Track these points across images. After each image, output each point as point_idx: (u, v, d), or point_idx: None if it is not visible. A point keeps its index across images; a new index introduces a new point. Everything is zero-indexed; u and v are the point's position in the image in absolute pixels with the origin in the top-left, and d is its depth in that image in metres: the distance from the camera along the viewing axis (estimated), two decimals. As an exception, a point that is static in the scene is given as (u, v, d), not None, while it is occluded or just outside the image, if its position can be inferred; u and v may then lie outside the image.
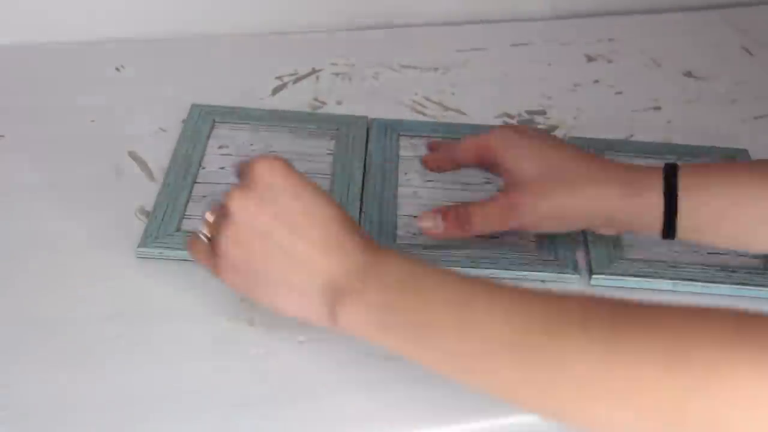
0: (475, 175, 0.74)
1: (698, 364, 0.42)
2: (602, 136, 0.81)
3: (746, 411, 0.40)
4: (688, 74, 0.93)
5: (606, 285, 0.66)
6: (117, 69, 0.88)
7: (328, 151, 0.77)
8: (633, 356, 0.43)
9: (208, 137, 0.78)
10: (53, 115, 0.80)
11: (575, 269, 0.66)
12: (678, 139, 0.82)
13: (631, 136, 0.82)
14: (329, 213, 0.54)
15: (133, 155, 0.76)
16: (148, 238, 0.66)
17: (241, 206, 0.54)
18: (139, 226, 0.68)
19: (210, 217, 0.57)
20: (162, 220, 0.68)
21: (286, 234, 0.53)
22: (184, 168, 0.73)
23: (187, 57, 0.91)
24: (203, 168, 0.74)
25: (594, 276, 0.66)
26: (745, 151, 0.79)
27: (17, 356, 0.58)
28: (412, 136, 0.79)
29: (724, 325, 0.43)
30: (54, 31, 0.91)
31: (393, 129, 0.80)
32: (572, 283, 0.66)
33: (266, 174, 0.54)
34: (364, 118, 0.81)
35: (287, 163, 0.55)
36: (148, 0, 0.92)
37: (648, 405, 0.42)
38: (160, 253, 0.65)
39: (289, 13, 0.97)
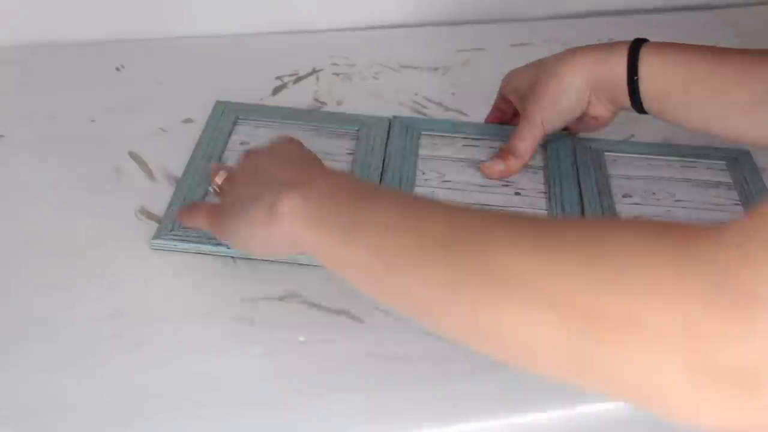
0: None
1: (615, 258, 0.41)
2: (602, 136, 0.81)
3: (660, 308, 0.39)
4: (688, 74, 0.93)
5: None
6: (117, 69, 0.88)
7: (348, 151, 0.77)
8: (555, 249, 0.43)
9: (230, 133, 0.78)
10: (53, 114, 0.80)
11: None
12: (678, 139, 0.82)
13: (632, 136, 0.82)
14: (316, 162, 0.60)
15: (133, 155, 0.76)
16: (163, 230, 0.66)
17: (247, 159, 0.60)
18: (139, 225, 0.68)
19: (220, 179, 0.62)
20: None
21: (270, 163, 0.58)
22: (204, 162, 0.74)
23: (187, 57, 0.91)
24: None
25: None
26: (748, 152, 0.79)
27: (18, 356, 0.58)
28: (433, 135, 0.79)
29: (643, 227, 0.43)
30: (54, 32, 0.91)
31: (414, 128, 0.80)
32: None
33: (278, 140, 0.61)
34: (386, 117, 0.81)
35: (299, 141, 0.62)
36: (147, 1, 0.92)
37: (564, 299, 0.41)
38: (175, 245, 0.65)
39: (290, 13, 0.97)
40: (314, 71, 0.90)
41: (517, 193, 0.73)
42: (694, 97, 0.69)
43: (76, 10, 0.91)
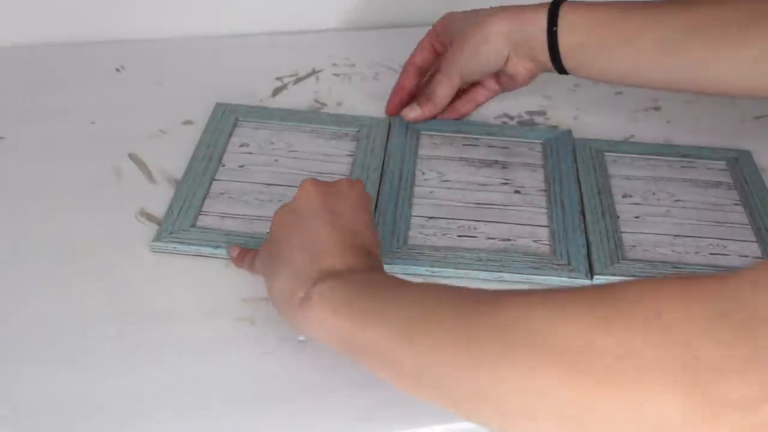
0: (492, 176, 0.74)
1: (619, 297, 0.41)
2: (602, 136, 0.81)
3: (660, 337, 0.38)
4: (688, 75, 0.93)
5: None
6: (117, 70, 0.88)
7: (348, 152, 0.77)
8: (564, 299, 0.43)
9: (230, 135, 0.78)
10: (53, 115, 0.80)
11: (587, 274, 0.66)
12: (678, 140, 0.82)
13: (632, 136, 0.82)
14: (365, 227, 0.58)
15: (132, 156, 0.76)
16: (163, 233, 0.66)
17: (303, 191, 0.59)
18: (138, 227, 0.68)
19: None
20: (178, 215, 0.68)
21: (320, 217, 0.57)
22: (204, 165, 0.74)
23: (187, 58, 0.91)
24: (223, 165, 0.74)
25: (596, 277, 0.66)
26: (748, 152, 0.79)
27: (18, 356, 0.58)
28: (433, 135, 0.79)
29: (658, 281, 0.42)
30: (54, 32, 0.91)
31: (413, 127, 0.80)
32: None
33: (341, 183, 0.60)
34: (386, 119, 0.81)
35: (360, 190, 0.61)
36: (147, 1, 0.93)
37: (565, 342, 0.41)
38: (174, 248, 0.65)
39: (289, 13, 0.97)
40: (314, 72, 0.90)
41: (516, 191, 0.73)
42: (607, 47, 0.72)
43: (76, 10, 0.91)
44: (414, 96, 0.82)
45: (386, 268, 0.62)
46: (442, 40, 0.80)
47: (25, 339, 0.59)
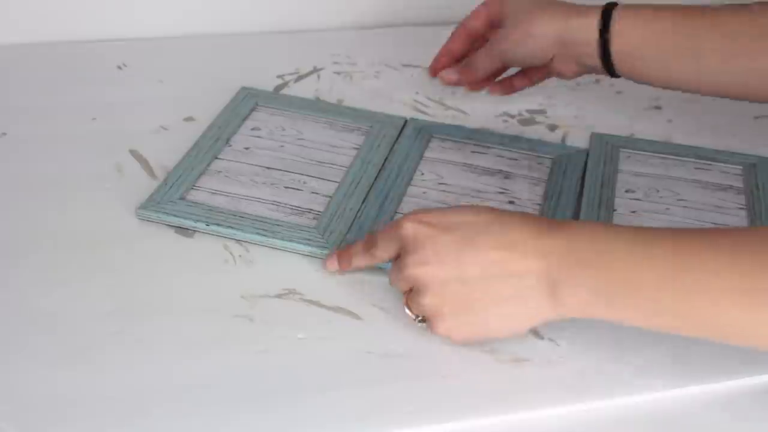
0: (491, 185, 0.74)
1: None
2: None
3: None
4: (689, 74, 0.93)
5: None
6: (119, 67, 0.88)
7: (355, 146, 0.77)
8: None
9: (245, 118, 0.79)
10: (55, 112, 0.81)
11: None
12: (678, 139, 0.82)
13: (632, 135, 0.82)
14: (496, 227, 0.57)
15: (134, 153, 0.76)
16: (151, 202, 0.68)
17: (421, 276, 0.57)
18: (139, 223, 0.68)
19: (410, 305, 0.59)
20: (170, 187, 0.70)
21: (475, 266, 0.56)
22: (210, 143, 0.75)
23: (188, 56, 0.91)
24: (229, 146, 0.76)
25: None
26: (766, 159, 0.78)
27: (18, 352, 0.58)
28: (444, 139, 0.79)
29: None
30: (57, 30, 0.91)
31: (426, 131, 0.80)
32: None
33: (418, 237, 0.58)
34: (402, 117, 0.81)
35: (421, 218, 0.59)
36: (149, -1, 0.93)
37: None
38: (158, 217, 0.67)
39: (291, 11, 0.97)
40: (315, 70, 0.90)
41: (510, 202, 0.72)
42: (666, 53, 0.71)
43: (78, 9, 0.91)
44: (459, 60, 0.83)
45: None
46: (497, 13, 0.79)
47: (26, 335, 0.59)
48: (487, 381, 0.58)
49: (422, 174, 0.75)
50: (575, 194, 0.73)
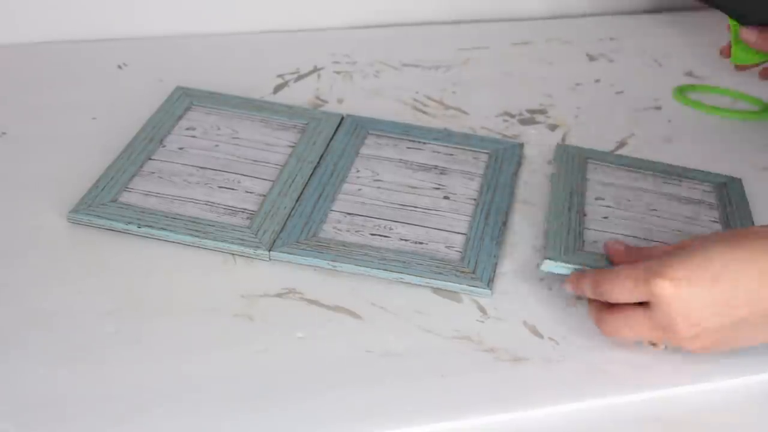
0: (426, 180, 0.74)
1: None
2: (603, 135, 0.81)
3: None
4: (689, 74, 0.94)
5: None
6: (119, 66, 0.88)
7: (290, 144, 0.77)
8: None
9: (180, 118, 0.79)
10: (55, 112, 0.81)
11: (488, 284, 0.64)
12: (678, 139, 0.82)
13: (632, 135, 0.82)
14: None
15: (134, 152, 0.76)
16: (82, 205, 0.68)
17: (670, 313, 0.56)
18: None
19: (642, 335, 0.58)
20: (102, 189, 0.69)
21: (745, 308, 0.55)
22: (143, 144, 0.74)
23: (189, 55, 0.91)
24: (163, 146, 0.75)
25: (541, 267, 0.65)
26: (740, 180, 0.76)
27: (17, 351, 0.58)
28: (380, 135, 0.79)
29: None
30: (57, 30, 0.91)
31: (363, 126, 0.80)
32: (485, 297, 0.64)
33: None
34: (339, 114, 0.81)
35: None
36: (150, -2, 0.93)
37: None
38: (89, 220, 0.67)
39: (291, 11, 0.97)
40: (315, 69, 0.90)
41: (446, 197, 0.72)
42: None
43: (78, 8, 0.91)
44: None
45: (287, 258, 0.64)
46: None
47: (25, 334, 0.59)
48: (486, 380, 0.58)
49: (358, 171, 0.75)
50: (510, 188, 0.74)
